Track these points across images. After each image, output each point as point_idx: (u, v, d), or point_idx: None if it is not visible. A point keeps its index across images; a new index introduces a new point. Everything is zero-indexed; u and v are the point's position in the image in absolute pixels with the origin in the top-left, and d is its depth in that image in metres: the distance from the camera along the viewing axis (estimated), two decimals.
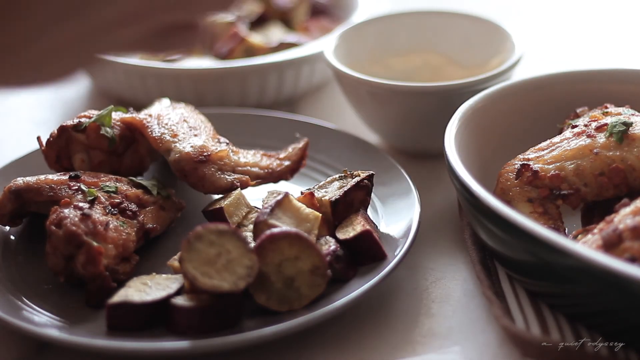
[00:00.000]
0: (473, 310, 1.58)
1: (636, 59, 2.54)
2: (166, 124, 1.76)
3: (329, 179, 1.72)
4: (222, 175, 1.72)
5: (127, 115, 1.78)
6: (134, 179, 1.73)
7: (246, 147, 1.90)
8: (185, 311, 1.47)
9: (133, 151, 1.79)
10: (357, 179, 1.68)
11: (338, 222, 1.65)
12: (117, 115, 1.78)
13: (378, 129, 2.00)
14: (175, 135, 1.74)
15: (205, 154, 1.71)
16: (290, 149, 1.84)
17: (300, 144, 1.84)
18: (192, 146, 1.72)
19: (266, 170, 1.78)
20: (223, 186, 1.71)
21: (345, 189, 1.66)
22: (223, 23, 2.43)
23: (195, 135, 1.76)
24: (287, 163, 1.81)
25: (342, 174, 1.71)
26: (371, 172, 1.70)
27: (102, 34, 1.20)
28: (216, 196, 1.75)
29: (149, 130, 1.74)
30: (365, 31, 2.15)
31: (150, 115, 1.78)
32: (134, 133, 1.77)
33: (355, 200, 1.67)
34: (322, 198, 1.66)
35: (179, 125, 1.77)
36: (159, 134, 1.73)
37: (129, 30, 1.21)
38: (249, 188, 1.75)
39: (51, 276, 1.60)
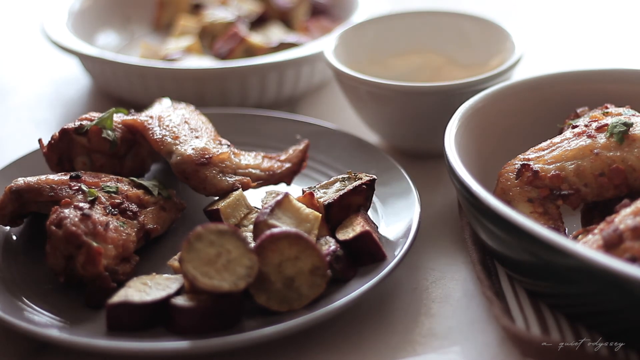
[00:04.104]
0: (473, 310, 1.58)
1: (636, 59, 2.54)
2: (167, 126, 1.76)
3: (331, 179, 1.71)
4: (224, 178, 1.72)
5: (129, 118, 1.78)
6: (135, 179, 1.73)
7: (246, 147, 1.90)
8: (185, 311, 1.47)
9: (134, 153, 1.79)
10: (356, 183, 1.67)
11: (332, 224, 1.65)
12: (118, 118, 1.78)
13: (378, 129, 2.00)
14: (176, 138, 1.74)
15: (206, 156, 1.71)
16: (290, 151, 1.84)
17: (301, 146, 1.84)
18: (193, 148, 1.71)
19: (267, 172, 1.78)
20: (224, 188, 1.71)
21: (342, 193, 1.66)
22: (223, 23, 2.43)
23: (197, 137, 1.76)
24: (287, 165, 1.81)
25: (346, 175, 1.71)
26: (374, 176, 1.70)
27: None
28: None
29: (150, 132, 1.74)
30: (365, 31, 2.15)
31: (151, 117, 1.78)
32: (136, 135, 1.77)
33: (352, 204, 1.66)
34: (319, 200, 1.66)
35: (180, 127, 1.77)
36: (160, 136, 1.73)
37: None
38: (250, 190, 1.75)
39: (51, 276, 1.60)
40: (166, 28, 2.59)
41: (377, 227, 1.69)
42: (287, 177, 1.81)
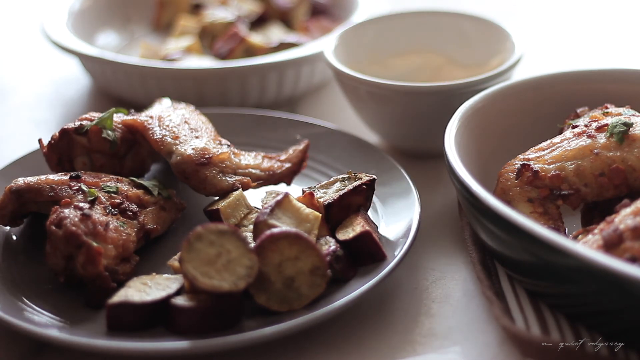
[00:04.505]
0: (473, 310, 1.58)
1: (636, 59, 2.54)
2: (167, 126, 1.76)
3: (331, 179, 1.71)
4: (224, 178, 1.72)
5: (129, 118, 1.78)
6: (135, 179, 1.73)
7: (246, 147, 1.90)
8: (185, 311, 1.47)
9: (135, 153, 1.79)
10: (356, 183, 1.67)
11: (332, 224, 1.65)
12: (118, 118, 1.78)
13: (378, 129, 2.00)
14: (176, 137, 1.74)
15: (206, 156, 1.70)
16: (290, 151, 1.84)
17: (301, 146, 1.84)
18: (193, 148, 1.71)
19: (267, 172, 1.78)
20: (224, 188, 1.71)
21: (342, 193, 1.66)
22: (223, 23, 2.43)
23: (197, 137, 1.76)
24: (287, 165, 1.81)
25: (346, 175, 1.71)
26: (374, 177, 1.70)
27: None
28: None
29: (150, 132, 1.74)
30: (365, 31, 2.15)
31: (151, 117, 1.78)
32: (136, 135, 1.77)
33: (352, 204, 1.66)
34: (319, 199, 1.66)
35: (180, 127, 1.77)
36: (160, 136, 1.73)
37: None
38: (250, 190, 1.75)
39: (51, 276, 1.60)
40: (166, 28, 2.59)
41: (377, 227, 1.68)
42: (287, 177, 1.81)
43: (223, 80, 2.13)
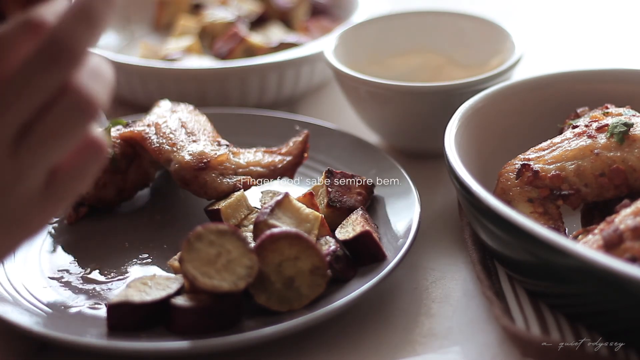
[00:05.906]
0: (473, 310, 1.58)
1: (636, 59, 2.54)
2: (164, 133, 1.74)
3: None
4: (224, 180, 1.71)
5: (126, 130, 1.77)
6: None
7: (246, 147, 1.90)
8: (185, 311, 1.46)
9: (137, 166, 1.78)
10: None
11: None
12: (116, 132, 1.77)
13: (378, 129, 2.00)
14: (173, 145, 1.72)
15: (204, 160, 1.69)
16: (291, 143, 1.84)
17: (301, 137, 1.83)
18: (190, 154, 1.69)
19: (269, 168, 1.78)
20: (225, 190, 1.70)
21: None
22: (223, 23, 2.43)
23: (194, 141, 1.74)
24: (289, 158, 1.80)
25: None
26: (372, 182, 1.71)
27: None
28: None
29: (149, 142, 1.72)
30: (365, 31, 2.15)
31: (148, 125, 1.77)
32: (135, 148, 1.76)
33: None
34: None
35: (177, 132, 1.75)
36: (158, 145, 1.71)
37: None
38: (253, 187, 1.75)
39: (52, 275, 1.60)
40: (166, 28, 2.59)
41: (377, 227, 1.69)
42: (289, 170, 1.80)
43: (223, 80, 2.13)
